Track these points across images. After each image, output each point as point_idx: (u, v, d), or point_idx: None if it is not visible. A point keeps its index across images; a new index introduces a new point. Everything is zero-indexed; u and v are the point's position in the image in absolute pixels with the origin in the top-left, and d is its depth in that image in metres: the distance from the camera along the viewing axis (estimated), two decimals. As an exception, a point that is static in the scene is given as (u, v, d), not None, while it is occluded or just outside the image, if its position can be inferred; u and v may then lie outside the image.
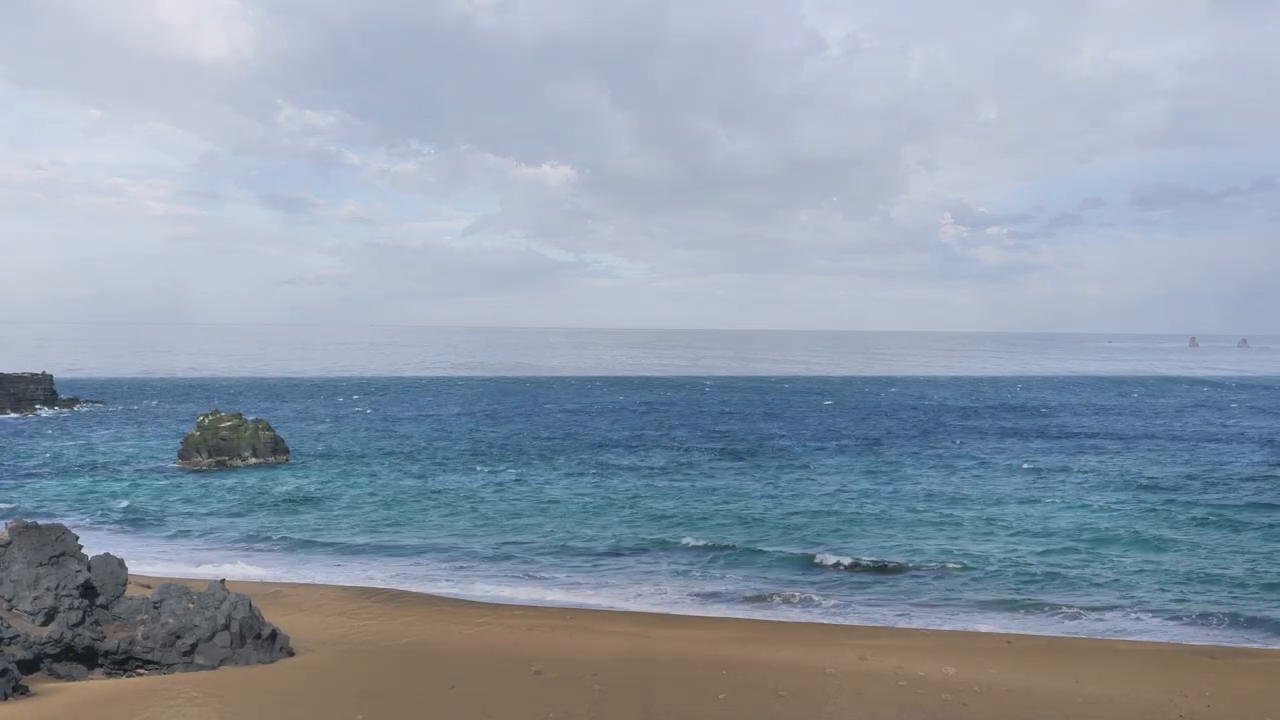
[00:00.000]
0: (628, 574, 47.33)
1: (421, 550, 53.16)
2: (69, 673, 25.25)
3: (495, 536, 56.22)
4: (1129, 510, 62.18)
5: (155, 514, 64.87)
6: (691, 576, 46.64)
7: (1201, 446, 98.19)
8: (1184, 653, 32.87)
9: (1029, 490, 71.06)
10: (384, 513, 64.71)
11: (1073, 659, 31.18)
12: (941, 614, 39.31)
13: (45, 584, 25.72)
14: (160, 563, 48.66)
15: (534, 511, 64.29)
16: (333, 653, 28.16)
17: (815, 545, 52.94)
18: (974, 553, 49.96)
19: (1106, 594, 41.89)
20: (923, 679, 27.88)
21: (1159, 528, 55.90)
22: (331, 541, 56.01)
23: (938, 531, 56.22)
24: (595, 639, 33.24)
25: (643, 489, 72.69)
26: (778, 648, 32.45)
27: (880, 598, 42.29)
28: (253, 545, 55.04)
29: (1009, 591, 42.55)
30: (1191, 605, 39.96)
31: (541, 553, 51.84)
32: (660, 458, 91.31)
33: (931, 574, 46.18)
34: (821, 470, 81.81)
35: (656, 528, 57.94)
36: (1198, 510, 61.86)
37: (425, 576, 47.02)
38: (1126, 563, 47.31)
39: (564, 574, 47.41)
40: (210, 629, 26.28)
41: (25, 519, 27.93)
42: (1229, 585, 42.87)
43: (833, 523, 59.43)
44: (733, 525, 58.40)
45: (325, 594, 41.67)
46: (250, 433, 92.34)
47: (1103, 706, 25.20)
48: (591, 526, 58.57)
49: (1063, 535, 54.21)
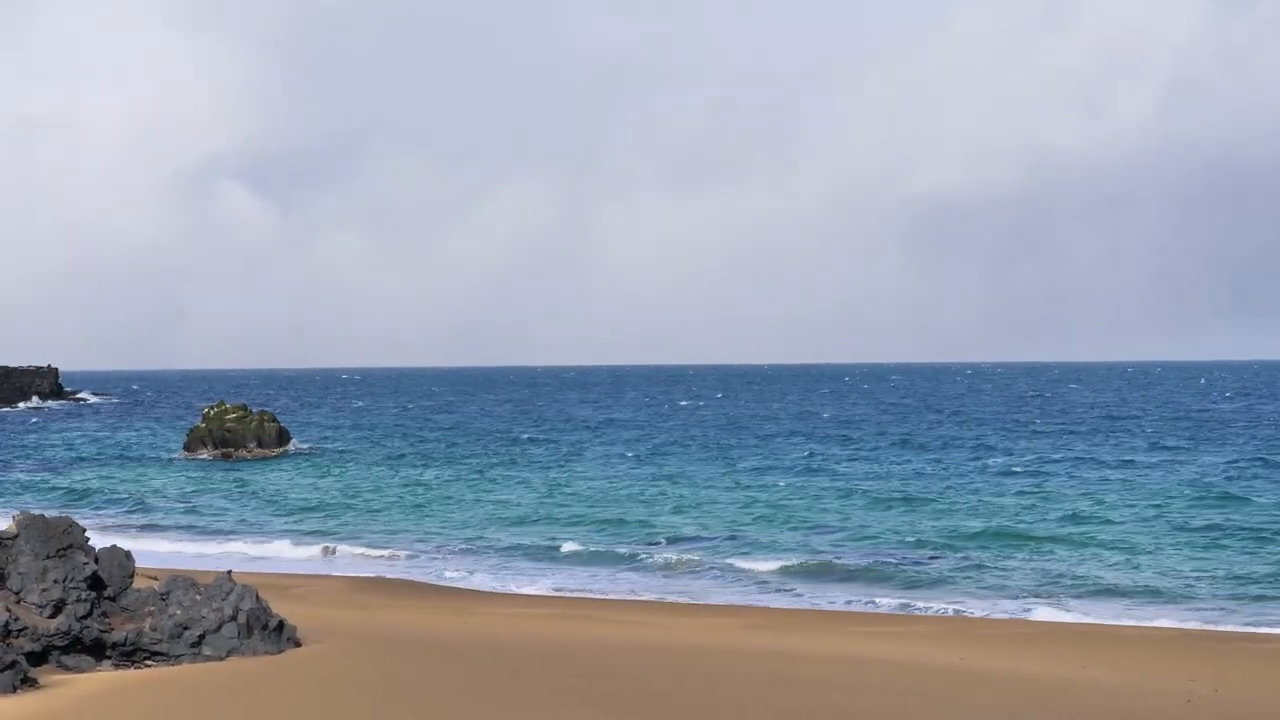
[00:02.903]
0: (642, 561, 47.21)
1: (431, 540, 53.21)
2: (77, 665, 25.27)
3: (504, 526, 56.23)
4: (1133, 492, 62.09)
5: (161, 505, 65.05)
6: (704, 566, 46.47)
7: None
8: (1192, 637, 32.81)
9: (1031, 474, 70.99)
10: (392, 502, 64.86)
11: (1079, 645, 31.12)
12: (944, 600, 39.25)
13: (53, 576, 25.73)
14: (167, 554, 48.75)
15: (553, 499, 64.26)
16: (341, 643, 28.20)
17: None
18: (973, 538, 49.80)
19: (1113, 578, 41.81)
20: (927, 666, 27.87)
21: (1166, 510, 55.77)
22: (338, 532, 56.14)
23: (934, 515, 56.16)
24: (605, 629, 33.27)
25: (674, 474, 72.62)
26: (781, 634, 32.45)
27: (881, 583, 42.22)
28: (258, 536, 55.15)
29: (1011, 577, 42.45)
30: (1200, 589, 39.86)
31: (556, 540, 51.65)
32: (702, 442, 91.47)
33: (932, 559, 46.06)
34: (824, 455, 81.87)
35: (679, 515, 57.72)
36: (1206, 490, 61.71)
37: (435, 566, 47.03)
38: (1133, 546, 47.19)
39: (581, 564, 47.14)
40: (217, 620, 26.29)
41: (32, 511, 27.94)
42: (1238, 568, 42.69)
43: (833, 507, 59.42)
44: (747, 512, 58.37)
45: (332, 585, 41.73)
46: (256, 424, 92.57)
47: (1110, 693, 25.18)
48: (615, 513, 58.41)
49: (1065, 518, 54.10)
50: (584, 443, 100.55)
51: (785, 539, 51.12)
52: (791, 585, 42.33)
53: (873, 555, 47.10)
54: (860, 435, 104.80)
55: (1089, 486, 64.45)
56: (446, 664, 27.13)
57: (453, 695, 24.20)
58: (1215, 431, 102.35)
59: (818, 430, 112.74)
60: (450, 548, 50.93)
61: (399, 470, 78.75)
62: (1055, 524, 53.02)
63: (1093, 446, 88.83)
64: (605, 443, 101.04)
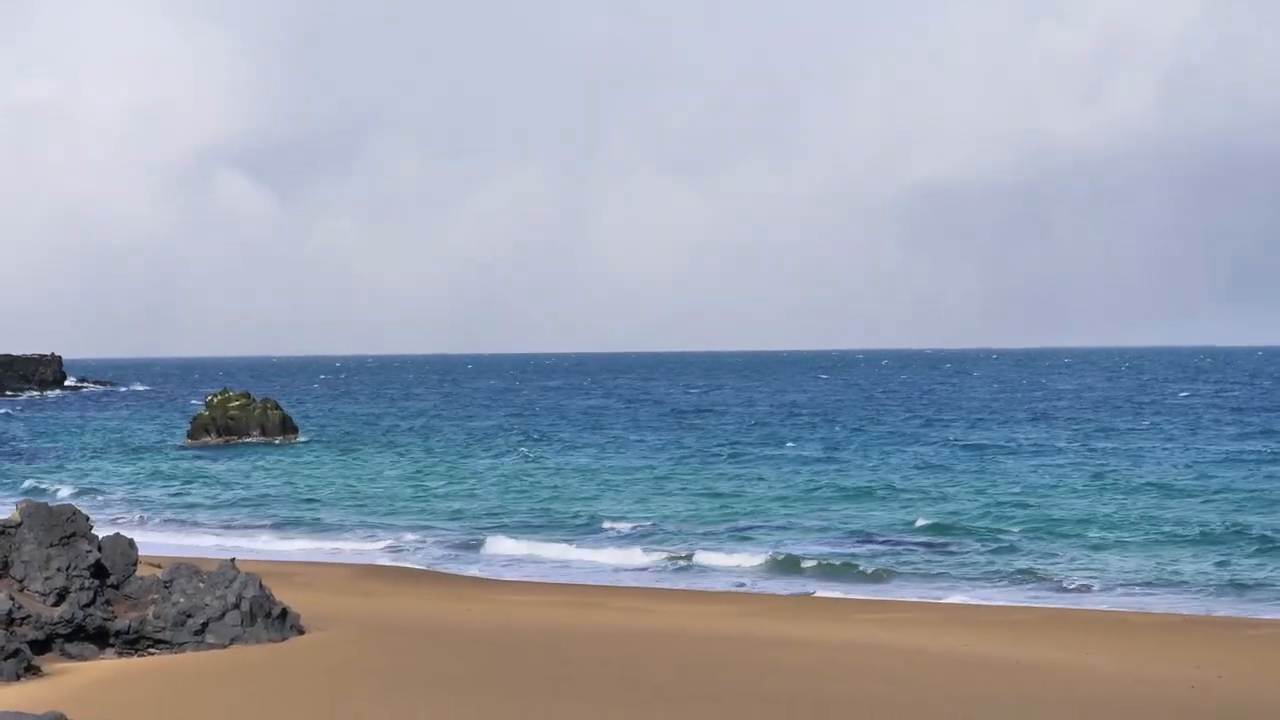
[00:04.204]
0: (642, 546, 47.15)
1: (434, 527, 53.15)
2: (80, 653, 25.33)
3: (507, 513, 56.21)
4: (1137, 477, 62.06)
5: (164, 493, 65.09)
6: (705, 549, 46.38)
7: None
8: (1196, 624, 32.78)
9: (1034, 458, 70.97)
10: (397, 489, 64.87)
11: (1082, 632, 31.09)
12: (943, 587, 39.19)
13: (56, 564, 25.77)
14: (170, 542, 48.77)
15: (555, 485, 64.24)
16: (344, 630, 28.26)
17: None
18: (974, 524, 49.74)
19: (1117, 565, 41.76)
20: (929, 652, 27.88)
21: (1171, 495, 55.68)
22: (342, 519, 56.11)
23: (933, 502, 56.10)
24: (610, 615, 33.30)
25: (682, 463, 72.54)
26: (782, 622, 32.45)
27: (878, 571, 42.08)
28: (262, 523, 55.16)
29: (1013, 564, 42.40)
30: (1204, 575, 39.76)
31: (561, 528, 51.56)
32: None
33: (933, 546, 46.00)
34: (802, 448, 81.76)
35: (688, 506, 57.56)
36: (1210, 476, 61.65)
37: (438, 554, 47.00)
38: (1136, 532, 47.11)
39: (588, 549, 47.03)
40: (221, 608, 26.33)
41: (35, 500, 27.98)
42: (1242, 554, 42.58)
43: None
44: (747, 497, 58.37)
45: (336, 572, 41.76)
46: (259, 412, 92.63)
47: (1113, 680, 25.18)
48: (623, 502, 58.35)
49: (1067, 505, 54.03)
50: (577, 438, 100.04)
51: (771, 529, 50.93)
52: (784, 573, 42.06)
53: (867, 543, 47.07)
54: (842, 421, 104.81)
55: (1085, 474, 64.39)
56: (449, 651, 27.17)
57: (456, 682, 24.23)
58: (1214, 418, 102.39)
59: (797, 419, 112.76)
60: (448, 537, 50.92)
61: (399, 457, 78.79)
62: (1052, 511, 52.86)
63: (1087, 435, 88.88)
64: (610, 435, 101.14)
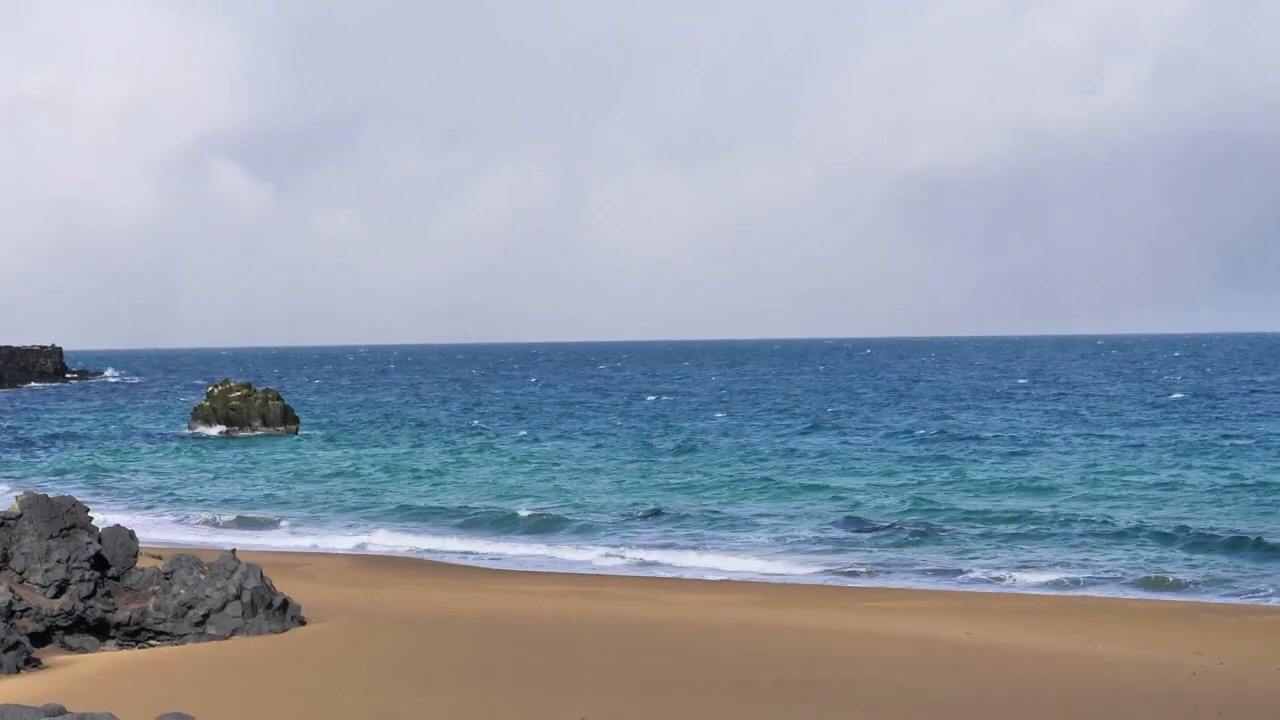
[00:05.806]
0: (647, 536, 47.14)
1: (434, 517, 53.15)
2: (81, 645, 25.29)
3: (508, 503, 56.14)
4: (1140, 462, 61.97)
5: (165, 484, 65.05)
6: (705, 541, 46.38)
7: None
8: (1198, 610, 32.74)
9: (1035, 443, 70.86)
10: (397, 480, 64.79)
11: (1084, 619, 31.08)
12: (944, 574, 39.16)
13: (56, 556, 25.72)
14: (170, 533, 48.78)
15: (551, 476, 64.13)
16: (345, 622, 28.23)
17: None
18: (971, 511, 49.66)
19: (1118, 552, 41.70)
20: (932, 639, 27.86)
21: (1174, 483, 55.61)
22: (343, 510, 56.10)
23: (937, 488, 56.05)
24: (608, 604, 33.26)
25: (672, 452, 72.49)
26: (784, 610, 32.39)
27: (883, 559, 42.07)
28: (263, 514, 55.10)
29: (1015, 552, 42.34)
30: (1205, 561, 39.71)
31: (560, 519, 51.51)
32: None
33: (932, 533, 45.91)
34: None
35: (689, 489, 57.52)
36: (1211, 461, 61.58)
37: (438, 545, 46.95)
38: (1138, 519, 47.04)
39: (587, 539, 47.01)
40: (222, 599, 26.30)
41: (35, 491, 27.90)
42: (1244, 539, 42.48)
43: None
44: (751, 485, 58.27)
45: (336, 563, 41.73)
46: (260, 402, 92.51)
47: (1116, 667, 25.15)
48: (624, 491, 58.27)
49: (1069, 494, 53.98)
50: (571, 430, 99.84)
51: (770, 514, 50.90)
52: (785, 560, 42.03)
53: (874, 530, 47.00)
54: (854, 408, 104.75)
55: (1085, 459, 64.32)
56: (451, 641, 27.14)
57: (458, 672, 24.20)
58: (1214, 406, 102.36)
59: (799, 404, 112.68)
60: (447, 527, 50.91)
61: (400, 448, 78.73)
62: (1056, 499, 52.87)
63: (1091, 421, 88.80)
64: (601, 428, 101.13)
